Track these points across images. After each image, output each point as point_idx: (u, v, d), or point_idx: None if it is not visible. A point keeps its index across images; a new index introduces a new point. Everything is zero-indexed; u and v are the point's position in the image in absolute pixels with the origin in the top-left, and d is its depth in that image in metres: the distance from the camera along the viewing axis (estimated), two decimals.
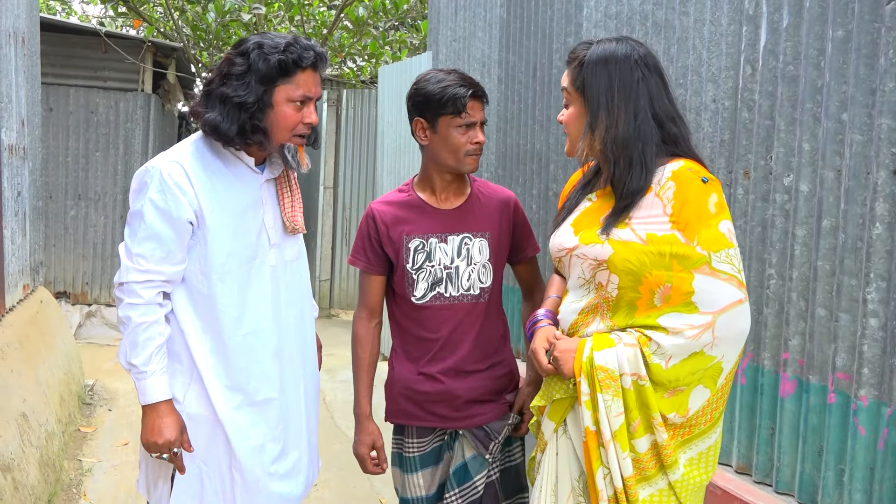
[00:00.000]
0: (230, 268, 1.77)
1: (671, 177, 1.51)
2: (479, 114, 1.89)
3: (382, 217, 1.97)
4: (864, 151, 1.86)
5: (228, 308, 1.77)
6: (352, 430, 4.46)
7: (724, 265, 1.47)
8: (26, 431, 3.15)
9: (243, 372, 1.80)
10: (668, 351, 1.47)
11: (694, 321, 1.46)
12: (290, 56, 1.70)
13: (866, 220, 1.85)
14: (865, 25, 1.85)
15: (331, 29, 8.64)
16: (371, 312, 2.03)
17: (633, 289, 1.51)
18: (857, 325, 1.88)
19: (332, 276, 8.15)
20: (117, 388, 4.98)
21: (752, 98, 2.22)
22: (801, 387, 2.06)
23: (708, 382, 1.50)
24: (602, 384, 1.50)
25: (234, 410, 1.79)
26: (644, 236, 1.49)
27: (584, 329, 1.60)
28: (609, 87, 1.53)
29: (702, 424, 1.54)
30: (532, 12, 3.58)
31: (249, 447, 1.81)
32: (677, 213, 1.48)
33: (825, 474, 1.96)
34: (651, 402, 1.49)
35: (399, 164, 5.61)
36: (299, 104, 1.75)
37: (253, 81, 1.70)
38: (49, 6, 11.28)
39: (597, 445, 1.52)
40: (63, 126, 7.02)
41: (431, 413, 1.97)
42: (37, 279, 4.65)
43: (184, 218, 1.71)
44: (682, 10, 2.51)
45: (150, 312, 1.71)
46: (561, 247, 1.63)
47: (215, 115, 1.71)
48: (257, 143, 1.75)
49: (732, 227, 1.52)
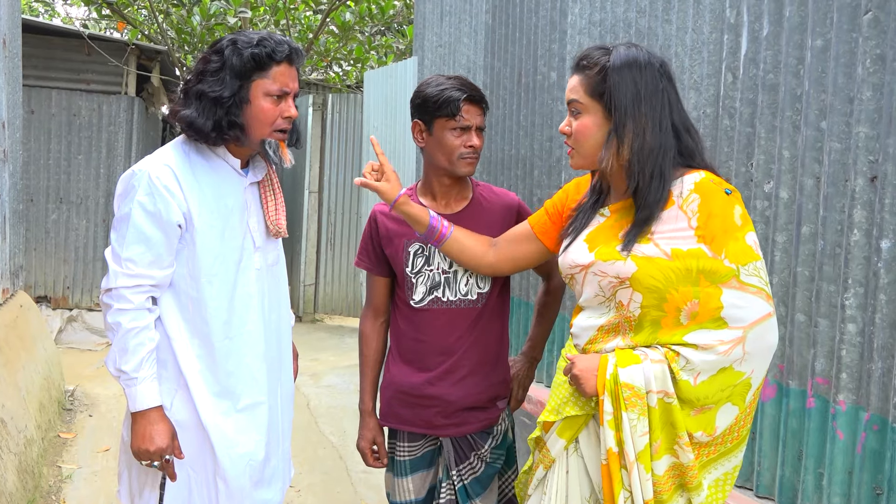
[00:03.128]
0: (218, 270, 1.76)
1: (694, 189, 1.46)
2: (475, 118, 1.89)
3: (384, 221, 1.99)
4: (843, 159, 1.89)
5: (217, 311, 1.76)
6: (335, 436, 4.46)
7: (753, 278, 1.43)
8: (4, 437, 3.11)
9: (232, 375, 1.79)
10: (697, 367, 1.41)
11: (724, 336, 1.41)
12: (263, 50, 1.70)
13: (844, 227, 1.88)
14: (843, 35, 1.88)
15: (316, 33, 8.63)
16: (376, 311, 2.06)
17: (657, 307, 1.45)
18: (836, 331, 1.90)
19: (316, 280, 8.12)
20: (98, 393, 4.93)
21: (734, 105, 2.24)
22: (781, 391, 2.08)
23: (737, 400, 1.45)
24: (628, 402, 1.43)
25: (221, 416, 1.78)
26: (669, 251, 1.44)
27: (603, 346, 1.54)
28: (636, 94, 1.47)
29: (728, 443, 1.49)
30: (517, 19, 3.60)
31: (235, 455, 1.80)
32: (703, 225, 1.43)
33: (805, 478, 1.98)
34: (678, 421, 1.43)
35: None
36: (277, 98, 1.74)
37: (228, 77, 1.70)
38: (32, 7, 11.18)
39: (619, 467, 1.45)
40: (45, 129, 6.96)
41: (422, 418, 1.97)
42: (17, 283, 4.60)
43: (173, 221, 1.70)
44: (665, 18, 2.53)
45: (140, 318, 1.69)
46: (574, 263, 1.56)
47: (191, 111, 1.71)
48: (234, 138, 1.75)
49: (757, 239, 1.48)
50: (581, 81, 1.53)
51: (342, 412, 4.80)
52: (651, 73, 1.48)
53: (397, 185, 1.81)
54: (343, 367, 5.96)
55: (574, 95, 1.54)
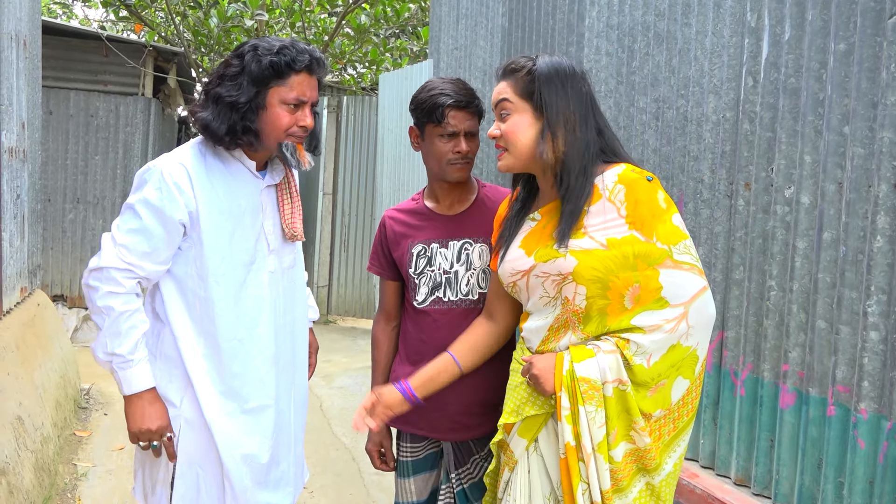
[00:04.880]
0: (226, 270, 1.77)
1: (618, 180, 1.53)
2: (462, 124, 1.88)
3: (392, 225, 2.02)
4: (866, 164, 1.87)
5: (224, 311, 1.77)
6: (348, 438, 4.46)
7: (685, 256, 1.51)
8: (22, 435, 3.13)
9: (238, 377, 1.79)
10: (648, 349, 1.48)
11: (668, 315, 1.49)
12: (283, 58, 1.71)
13: (867, 233, 1.86)
14: (867, 39, 1.86)
15: (332, 36, 8.66)
16: (387, 316, 2.08)
17: (601, 296, 1.51)
18: (858, 338, 1.88)
19: (329, 282, 8.14)
20: (113, 392, 4.96)
21: (754, 110, 2.22)
22: (801, 399, 2.06)
23: (686, 372, 1.52)
24: (585, 395, 1.49)
25: (226, 417, 1.78)
26: (605, 241, 1.50)
27: (556, 343, 1.58)
28: (565, 93, 1.56)
29: (684, 416, 1.55)
30: (534, 22, 3.59)
31: (239, 455, 1.80)
32: (632, 213, 1.51)
33: (824, 487, 1.95)
34: (632, 406, 1.49)
35: (399, 171, 5.61)
36: (293, 107, 1.75)
37: (245, 82, 1.71)
38: (51, 9, 11.29)
39: (577, 460, 1.50)
40: (63, 129, 7.02)
41: (424, 420, 1.97)
42: (34, 282, 4.64)
43: (176, 218, 1.71)
44: (685, 21, 2.52)
45: (132, 301, 1.71)
46: (515, 270, 1.62)
47: (207, 114, 1.73)
48: (247, 144, 1.76)
49: (682, 219, 1.57)
50: (510, 84, 1.61)
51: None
52: (574, 76, 1.58)
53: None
54: (356, 369, 5.97)
55: (504, 96, 1.61)
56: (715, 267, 2.37)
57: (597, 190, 1.54)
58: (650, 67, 2.70)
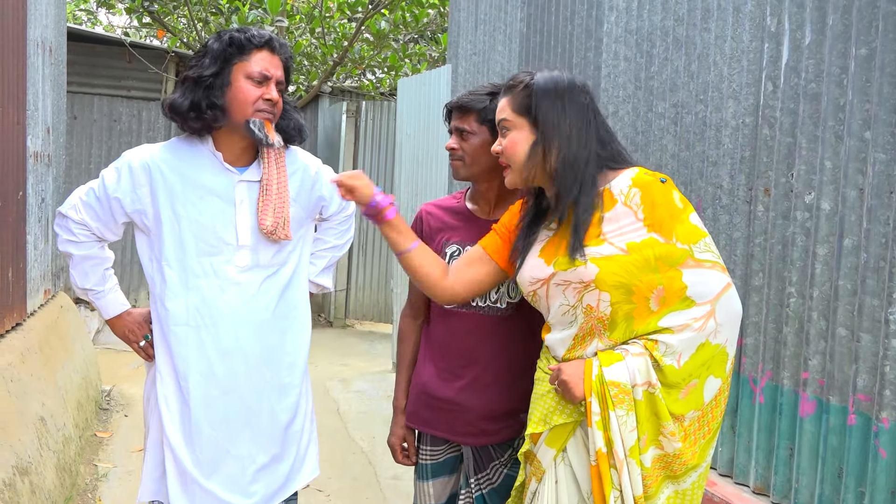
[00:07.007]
0: (179, 256, 1.84)
1: (632, 184, 1.53)
2: (461, 124, 1.90)
3: (428, 220, 2.02)
4: (888, 170, 1.84)
5: (174, 296, 1.84)
6: (365, 441, 4.47)
7: (706, 254, 1.51)
8: (44, 435, 3.18)
9: (185, 362, 1.85)
10: (677, 348, 1.48)
11: (695, 314, 1.48)
12: (243, 35, 1.81)
13: (889, 240, 1.83)
14: (889, 44, 1.84)
15: (351, 41, 8.72)
16: (415, 310, 2.08)
17: (626, 301, 1.50)
18: (879, 346, 1.86)
19: (347, 286, 8.17)
20: (134, 393, 5.01)
21: (774, 115, 2.21)
22: (821, 407, 2.04)
23: (717, 371, 1.51)
24: (615, 400, 1.48)
25: (174, 398, 1.87)
26: (624, 246, 1.50)
27: (583, 351, 1.57)
28: (561, 107, 1.56)
29: (717, 416, 1.54)
30: (552, 27, 3.59)
31: (178, 434, 1.86)
32: (649, 215, 1.51)
33: (845, 497, 1.93)
34: (661, 410, 1.48)
35: (417, 176, 5.63)
36: (258, 82, 1.80)
37: (209, 60, 1.80)
38: (76, 16, 11.48)
39: (608, 467, 1.48)
40: (87, 134, 7.12)
41: (444, 423, 1.97)
42: (58, 284, 4.71)
43: (120, 199, 1.84)
44: (704, 26, 2.50)
45: (88, 247, 1.90)
46: (535, 278, 1.60)
47: (175, 95, 1.82)
48: (213, 119, 1.80)
49: (699, 217, 1.56)
50: (508, 101, 1.62)
51: (371, 418, 4.81)
52: (573, 89, 1.58)
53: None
54: (373, 373, 5.98)
55: (503, 115, 1.62)
56: (734, 273, 2.35)
57: (611, 195, 1.54)
58: (669, 72, 2.69)
